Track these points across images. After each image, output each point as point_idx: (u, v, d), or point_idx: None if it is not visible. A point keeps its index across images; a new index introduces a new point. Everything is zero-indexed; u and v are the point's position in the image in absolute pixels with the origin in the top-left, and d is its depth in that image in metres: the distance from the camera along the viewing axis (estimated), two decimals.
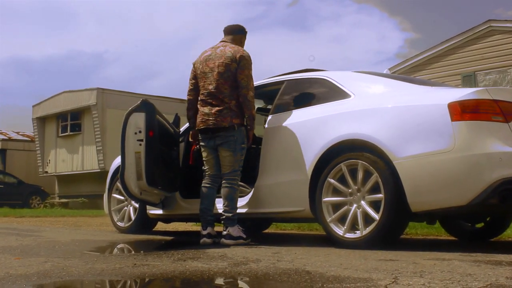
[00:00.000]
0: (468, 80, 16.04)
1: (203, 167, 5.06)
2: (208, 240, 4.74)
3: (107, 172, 7.03)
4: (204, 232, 4.80)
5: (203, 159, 5.03)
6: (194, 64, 5.03)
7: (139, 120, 4.95)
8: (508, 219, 5.25)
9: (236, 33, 5.08)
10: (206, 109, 4.84)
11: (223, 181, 4.86)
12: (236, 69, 4.78)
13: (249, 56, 4.86)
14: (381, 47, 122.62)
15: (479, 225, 5.37)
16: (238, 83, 4.78)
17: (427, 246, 4.63)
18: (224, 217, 4.77)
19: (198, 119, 4.92)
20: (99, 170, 18.74)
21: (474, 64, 16.05)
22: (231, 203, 4.78)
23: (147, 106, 5.07)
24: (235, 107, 4.81)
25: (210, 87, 4.83)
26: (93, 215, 12.49)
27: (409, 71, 17.02)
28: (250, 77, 4.83)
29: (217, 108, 4.79)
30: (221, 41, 5.04)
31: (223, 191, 4.82)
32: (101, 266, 3.27)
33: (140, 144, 4.99)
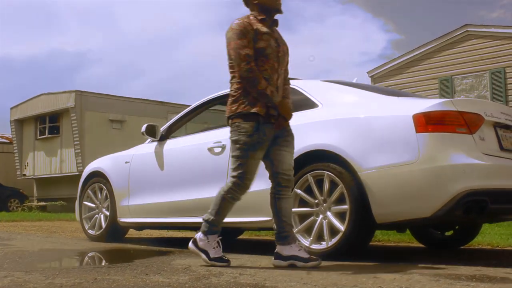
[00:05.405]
0: (445, 84, 16.18)
1: (239, 171, 3.84)
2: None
3: None
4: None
5: (253, 160, 3.84)
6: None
7: None
8: (477, 226, 5.30)
9: None
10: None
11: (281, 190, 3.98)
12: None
13: None
14: (365, 48, 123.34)
15: (448, 233, 5.39)
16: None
17: (392, 257, 4.63)
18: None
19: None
20: (77, 173, 18.57)
21: (451, 68, 16.21)
22: None
23: None
24: None
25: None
26: (70, 219, 12.36)
27: (387, 75, 17.15)
28: None
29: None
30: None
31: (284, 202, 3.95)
32: (61, 281, 3.22)
33: None
